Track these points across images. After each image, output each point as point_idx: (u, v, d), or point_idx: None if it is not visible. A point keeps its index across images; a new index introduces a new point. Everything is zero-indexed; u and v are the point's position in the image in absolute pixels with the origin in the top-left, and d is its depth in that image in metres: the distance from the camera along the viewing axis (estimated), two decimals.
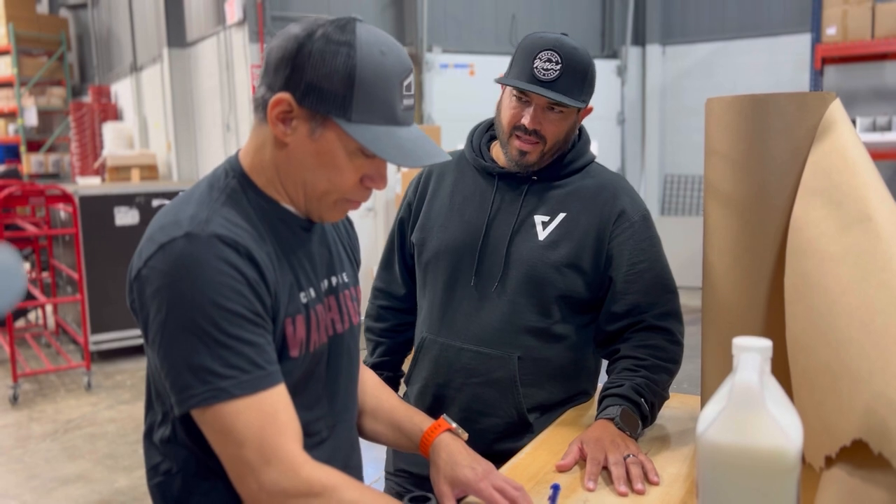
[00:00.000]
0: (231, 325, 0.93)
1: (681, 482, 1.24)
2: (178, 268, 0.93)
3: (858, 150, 1.11)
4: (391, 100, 0.99)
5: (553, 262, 1.49)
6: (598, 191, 1.53)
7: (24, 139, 10.19)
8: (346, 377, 1.18)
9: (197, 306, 0.92)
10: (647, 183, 7.96)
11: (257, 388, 0.93)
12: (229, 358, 0.92)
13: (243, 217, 1.01)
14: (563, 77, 1.42)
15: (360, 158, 1.01)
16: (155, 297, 0.94)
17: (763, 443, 0.76)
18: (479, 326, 1.52)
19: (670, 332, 1.49)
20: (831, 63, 5.63)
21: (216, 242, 0.94)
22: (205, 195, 1.03)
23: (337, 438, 1.15)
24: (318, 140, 0.99)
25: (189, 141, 7.76)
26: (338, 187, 1.02)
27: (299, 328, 1.04)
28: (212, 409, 0.92)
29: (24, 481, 3.41)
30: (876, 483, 0.80)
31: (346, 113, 0.97)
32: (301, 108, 0.98)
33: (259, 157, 1.05)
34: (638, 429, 1.38)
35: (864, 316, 0.91)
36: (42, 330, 5.93)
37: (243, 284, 0.94)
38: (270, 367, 0.96)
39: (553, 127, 1.47)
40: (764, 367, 0.78)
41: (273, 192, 1.06)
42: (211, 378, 0.92)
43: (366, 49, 0.96)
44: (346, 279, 1.19)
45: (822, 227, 1.05)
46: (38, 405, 4.46)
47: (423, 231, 1.60)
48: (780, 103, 1.16)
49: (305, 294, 1.07)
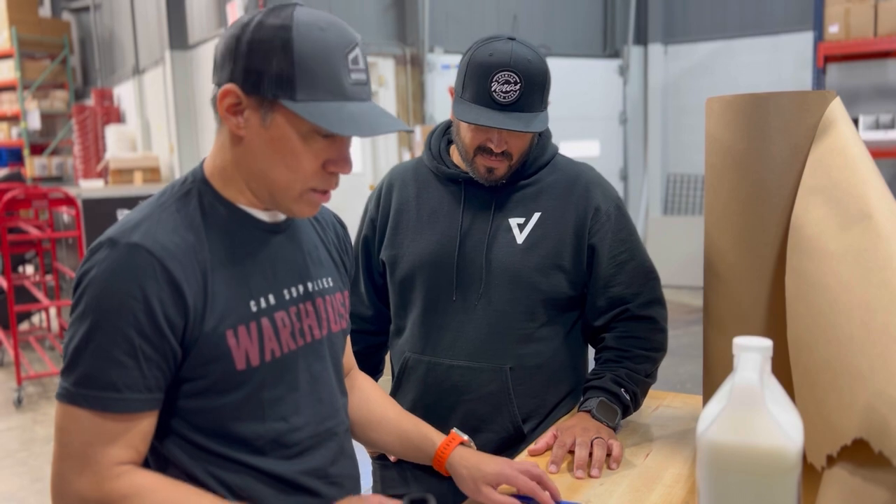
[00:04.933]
0: (106, 340, 0.92)
1: (682, 482, 1.23)
2: (90, 271, 0.95)
3: (858, 149, 1.10)
4: (336, 73, 0.96)
5: (536, 265, 1.46)
6: (570, 186, 1.51)
7: (28, 142, 10.22)
8: (331, 385, 1.14)
9: (89, 311, 0.93)
10: (650, 182, 7.96)
11: (102, 408, 0.93)
12: (91, 370, 0.93)
13: (185, 223, 1.00)
14: (523, 96, 1.37)
15: (317, 142, 0.99)
16: (74, 288, 0.97)
17: (764, 442, 0.76)
18: (466, 341, 1.48)
19: (654, 320, 1.50)
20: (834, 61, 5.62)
21: (130, 253, 0.94)
22: (153, 200, 1.04)
23: (322, 448, 1.11)
24: (270, 127, 0.98)
25: (191, 143, 7.78)
26: (298, 175, 1.00)
27: (243, 339, 1.00)
28: (60, 405, 0.95)
29: (28, 484, 3.41)
30: (877, 482, 0.80)
31: (291, 93, 0.95)
32: (248, 97, 0.97)
33: (220, 158, 1.04)
34: (616, 418, 1.40)
35: (864, 314, 0.91)
36: (46, 333, 5.95)
37: (139, 302, 0.93)
38: (129, 393, 0.93)
39: (519, 142, 1.43)
40: (764, 367, 0.78)
41: (233, 195, 1.04)
42: (71, 378, 0.94)
43: (303, 28, 0.95)
44: (326, 284, 1.15)
45: (822, 225, 1.04)
46: (42, 408, 4.47)
47: (393, 248, 1.55)
48: (780, 102, 1.16)
49: (258, 302, 1.03)
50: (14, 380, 4.57)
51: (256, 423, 1.03)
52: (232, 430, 1.02)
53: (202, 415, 1.01)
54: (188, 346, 0.97)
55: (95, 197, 5.10)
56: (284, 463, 1.06)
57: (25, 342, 5.65)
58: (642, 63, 7.96)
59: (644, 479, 1.25)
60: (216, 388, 1.00)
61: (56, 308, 5.81)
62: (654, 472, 1.27)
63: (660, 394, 1.61)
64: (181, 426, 1.01)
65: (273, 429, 1.05)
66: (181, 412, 1.00)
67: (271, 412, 1.04)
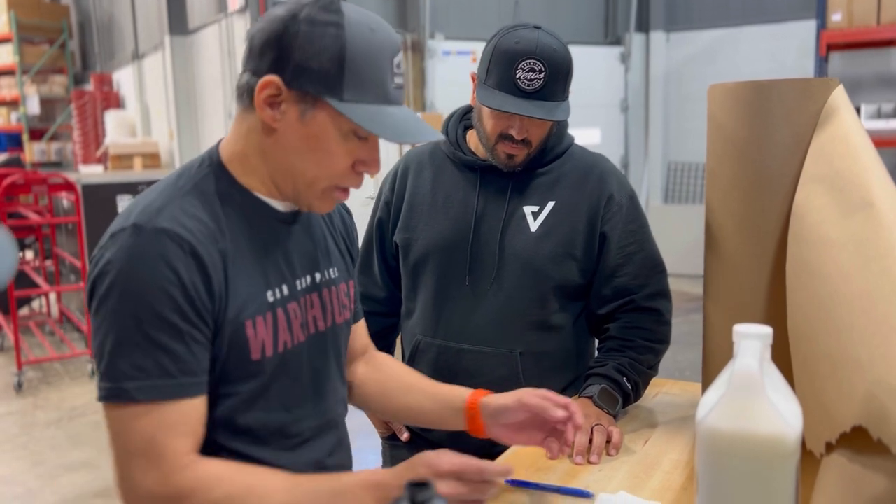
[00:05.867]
0: (151, 328, 0.90)
1: (681, 469, 1.24)
2: (117, 259, 0.91)
3: (861, 137, 1.10)
4: (383, 78, 0.96)
5: (548, 254, 1.48)
6: (585, 175, 1.52)
7: (27, 127, 10.19)
8: (332, 376, 1.15)
9: (124, 301, 0.90)
10: (651, 171, 7.94)
11: (160, 397, 0.90)
12: (140, 360, 0.90)
13: (205, 209, 0.98)
14: (547, 85, 1.38)
15: (352, 141, 0.98)
16: (96, 282, 0.93)
17: (763, 429, 0.76)
18: (477, 325, 1.50)
19: (658, 313, 1.51)
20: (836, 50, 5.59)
21: (160, 237, 0.92)
22: (170, 184, 1.01)
23: (322, 439, 1.12)
24: (309, 123, 0.96)
25: (191, 129, 7.75)
26: (329, 172, 0.99)
27: (260, 329, 1.00)
28: (112, 406, 0.91)
29: (29, 468, 3.43)
30: (876, 469, 0.80)
31: (338, 92, 0.94)
32: (290, 91, 0.95)
33: (241, 145, 1.02)
34: (617, 406, 1.41)
35: (864, 303, 0.91)
36: (46, 318, 5.95)
37: (175, 286, 0.91)
38: (183, 377, 0.92)
39: (539, 130, 1.45)
40: (764, 354, 0.78)
41: (252, 183, 1.03)
42: (118, 376, 0.90)
43: (355, 27, 0.94)
44: (333, 275, 1.15)
45: (823, 213, 1.04)
46: (43, 393, 4.48)
47: (407, 231, 1.56)
48: (783, 90, 1.15)
49: (274, 292, 1.02)
50: (14, 364, 4.58)
51: (262, 413, 1.03)
52: (237, 421, 1.02)
53: (212, 405, 0.99)
54: (215, 333, 0.97)
55: (95, 182, 5.09)
56: (285, 454, 1.06)
57: (25, 327, 5.66)
58: (644, 50, 7.93)
59: (643, 465, 1.26)
60: (228, 378, 0.99)
61: (56, 293, 5.82)
62: (653, 459, 1.28)
63: (659, 381, 1.62)
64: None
65: (277, 419, 1.05)
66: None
67: (276, 402, 1.04)
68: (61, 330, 5.60)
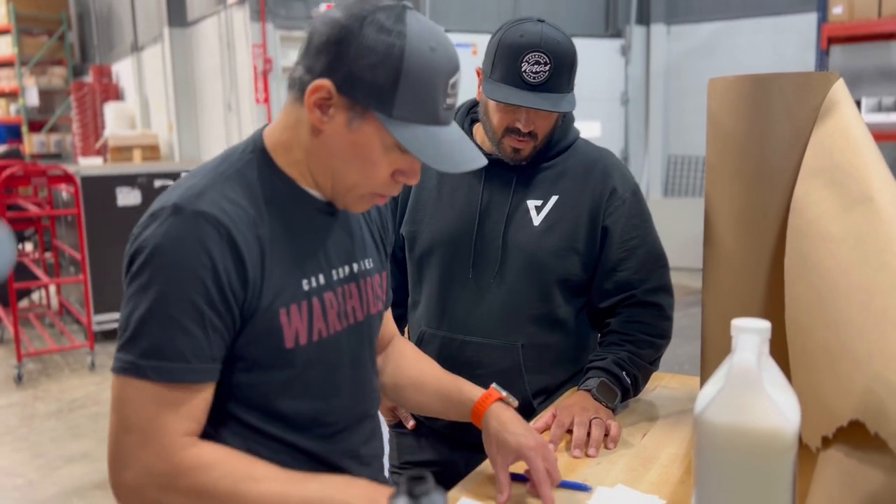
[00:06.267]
0: (176, 309, 0.91)
1: (679, 462, 1.24)
2: (153, 237, 0.92)
3: (861, 131, 1.10)
4: (435, 99, 0.95)
5: (551, 248, 1.49)
6: (589, 169, 1.53)
7: (26, 119, 10.17)
8: (367, 366, 1.16)
9: (154, 279, 0.91)
10: (651, 164, 7.93)
11: (172, 379, 0.91)
12: (160, 340, 0.91)
13: (246, 195, 0.99)
14: (552, 77, 1.39)
15: (395, 153, 0.97)
16: (133, 257, 0.94)
17: (760, 423, 0.76)
18: (480, 318, 1.51)
19: (659, 307, 1.52)
20: (837, 43, 5.57)
21: (198, 220, 0.92)
22: (213, 168, 1.01)
23: (357, 429, 1.12)
24: (356, 132, 0.96)
25: (190, 121, 7.74)
26: (369, 181, 0.99)
27: (294, 318, 1.00)
28: (121, 378, 0.92)
29: (29, 459, 3.44)
30: (873, 464, 0.80)
31: (388, 108, 0.93)
32: (341, 97, 0.94)
33: (288, 136, 1.02)
34: (615, 400, 1.41)
35: (863, 297, 0.91)
36: (45, 310, 5.96)
37: (207, 271, 0.91)
38: (196, 362, 0.93)
39: (545, 123, 1.46)
40: (762, 349, 0.78)
41: (295, 173, 1.03)
42: (136, 352, 0.91)
43: (416, 42, 0.92)
44: (368, 266, 1.15)
45: (823, 207, 1.04)
46: (43, 385, 4.49)
47: (413, 224, 1.58)
48: (783, 83, 1.15)
49: (309, 281, 1.03)
50: (14, 356, 4.59)
51: (297, 401, 1.04)
52: (273, 407, 1.02)
53: (246, 389, 1.01)
54: (245, 319, 0.97)
55: (94, 174, 5.08)
56: (321, 442, 1.07)
57: (25, 319, 5.66)
58: (644, 43, 7.91)
59: (641, 458, 1.26)
60: (262, 365, 1.00)
61: (56, 285, 5.83)
62: (651, 452, 1.28)
63: (658, 375, 1.62)
64: (225, 400, 1.01)
65: (313, 408, 1.05)
66: (226, 387, 1.00)
67: (312, 392, 1.05)
68: (61, 322, 5.60)
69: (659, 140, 7.93)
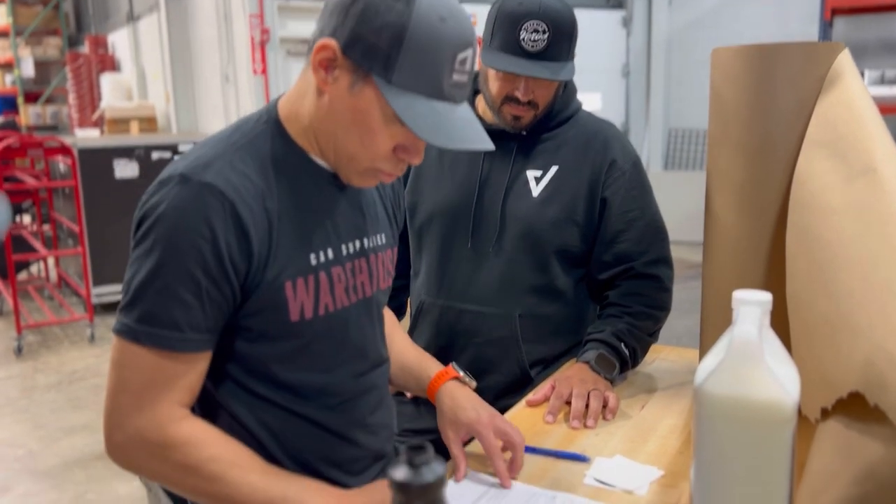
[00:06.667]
0: (173, 278, 0.91)
1: (677, 434, 1.25)
2: (158, 206, 0.93)
3: (865, 102, 1.09)
4: (438, 71, 0.92)
5: (549, 219, 1.48)
6: (589, 140, 1.52)
7: (22, 90, 10.08)
8: (376, 340, 1.16)
9: (156, 247, 0.92)
10: (651, 137, 7.89)
11: (164, 347, 0.93)
12: (155, 308, 0.92)
13: (256, 166, 0.98)
14: (551, 46, 1.38)
15: (395, 126, 0.95)
16: (139, 223, 0.95)
17: (760, 395, 0.76)
18: (478, 287, 1.52)
19: (658, 279, 1.52)
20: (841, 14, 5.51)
21: (203, 191, 0.92)
22: (225, 138, 1.01)
23: (364, 399, 1.13)
24: (357, 96, 0.94)
25: (187, 92, 7.67)
26: (368, 152, 0.97)
27: (300, 292, 1.00)
28: (120, 340, 0.94)
29: (30, 431, 3.46)
30: (872, 435, 0.80)
31: (388, 73, 0.91)
32: (345, 58, 0.93)
33: (300, 104, 1.01)
34: (614, 371, 1.42)
35: (865, 269, 0.90)
36: (44, 283, 5.96)
37: (208, 243, 0.92)
38: (191, 332, 0.93)
39: (545, 92, 1.45)
40: (763, 321, 0.77)
41: (304, 143, 1.02)
42: (132, 316, 0.93)
43: (424, 10, 0.90)
44: (381, 241, 1.15)
45: (826, 179, 1.03)
46: (43, 357, 4.50)
47: (414, 194, 1.58)
48: (788, 53, 1.14)
49: (317, 255, 1.03)
50: (14, 328, 4.60)
51: (303, 372, 1.04)
52: (279, 377, 1.03)
53: (251, 359, 1.02)
54: (248, 291, 0.97)
55: (91, 146, 5.04)
56: (327, 412, 1.08)
57: (24, 292, 5.66)
58: (646, 14, 7.82)
59: (639, 429, 1.27)
60: (267, 336, 1.01)
61: (54, 258, 5.82)
62: (649, 424, 1.29)
63: (656, 347, 1.62)
64: (232, 369, 1.02)
65: (319, 379, 1.06)
66: (232, 355, 1.01)
67: (318, 364, 1.05)
68: (60, 294, 5.60)
69: (660, 113, 7.87)
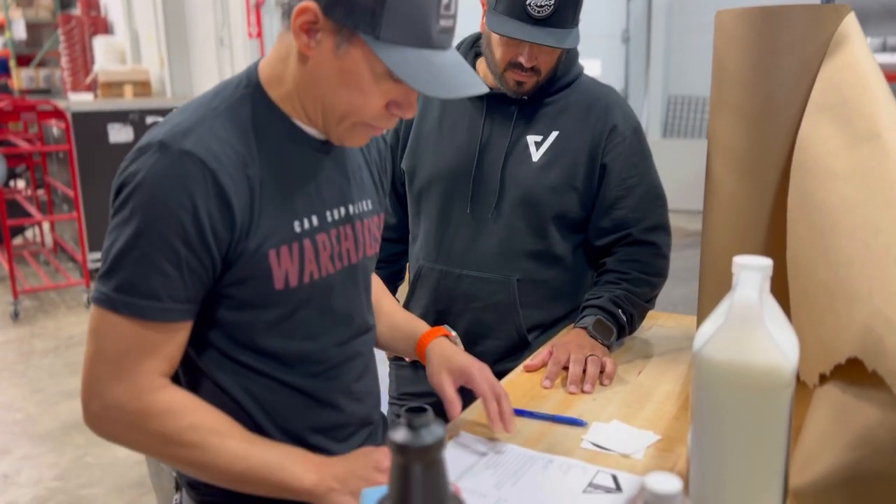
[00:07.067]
0: (152, 248, 0.90)
1: (674, 399, 1.25)
2: (137, 173, 0.91)
3: (871, 66, 1.07)
4: (426, 19, 0.89)
5: (549, 184, 1.47)
6: (590, 106, 1.50)
7: (14, 53, 9.95)
8: (361, 307, 1.15)
9: (134, 216, 0.90)
10: (651, 104, 7.83)
11: (144, 317, 0.91)
12: (133, 277, 0.90)
13: (237, 133, 0.95)
14: (557, 11, 1.35)
15: (387, 82, 0.92)
16: (118, 191, 0.93)
17: (759, 360, 0.76)
18: (476, 252, 1.52)
19: (656, 246, 1.52)
20: None
21: (182, 159, 0.90)
22: (205, 104, 0.98)
23: (349, 365, 1.12)
24: (343, 57, 0.91)
25: (182, 56, 7.58)
26: (359, 111, 0.95)
27: (284, 259, 0.99)
28: (98, 309, 0.93)
29: (28, 395, 3.48)
30: (868, 400, 0.81)
31: (375, 30, 0.88)
32: (327, 20, 0.89)
33: (280, 68, 0.98)
34: (611, 336, 1.42)
35: (866, 235, 0.90)
36: (40, 248, 5.94)
37: (187, 212, 0.90)
38: (170, 302, 0.92)
39: (548, 58, 1.43)
40: (763, 286, 0.77)
41: (288, 108, 1.00)
42: (111, 285, 0.91)
43: None
44: (367, 207, 1.13)
45: (829, 144, 1.02)
46: (40, 321, 4.51)
47: (414, 158, 1.57)
48: (792, 15, 1.12)
49: (301, 223, 1.01)
50: (10, 293, 4.60)
51: (287, 340, 1.04)
52: (263, 345, 1.02)
53: (235, 327, 1.01)
54: (230, 261, 0.96)
55: (85, 110, 4.99)
56: (311, 379, 1.07)
57: (20, 257, 5.65)
58: None
59: (636, 395, 1.27)
60: (251, 304, 0.99)
61: (49, 223, 5.79)
62: (646, 389, 1.29)
63: (653, 314, 1.63)
64: (216, 337, 1.01)
65: (302, 347, 1.05)
66: (216, 324, 1.00)
67: (302, 332, 1.04)
68: (56, 259, 5.59)
69: (659, 79, 7.80)
